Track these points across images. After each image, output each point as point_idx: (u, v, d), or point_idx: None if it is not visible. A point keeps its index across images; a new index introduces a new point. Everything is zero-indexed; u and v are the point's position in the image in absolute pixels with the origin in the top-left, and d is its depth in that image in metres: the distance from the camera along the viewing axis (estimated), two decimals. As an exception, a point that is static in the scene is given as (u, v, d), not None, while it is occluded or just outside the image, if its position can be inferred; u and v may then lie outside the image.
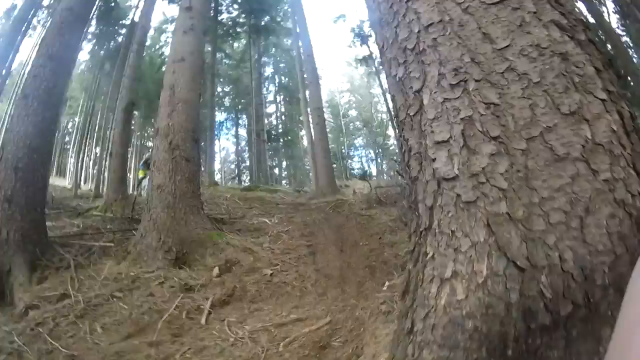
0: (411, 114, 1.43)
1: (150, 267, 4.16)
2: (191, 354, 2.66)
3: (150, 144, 22.02)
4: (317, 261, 4.57)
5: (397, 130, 1.62)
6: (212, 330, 2.97)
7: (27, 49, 18.61)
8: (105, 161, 16.54)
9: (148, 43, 18.33)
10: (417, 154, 1.40)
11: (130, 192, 11.03)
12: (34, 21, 15.96)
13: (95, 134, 24.42)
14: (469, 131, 1.20)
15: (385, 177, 28.10)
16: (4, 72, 11.34)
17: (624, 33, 17.11)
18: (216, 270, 4.12)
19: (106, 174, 14.11)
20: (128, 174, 12.98)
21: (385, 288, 3.24)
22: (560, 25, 1.23)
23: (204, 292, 3.61)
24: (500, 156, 1.13)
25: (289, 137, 29.02)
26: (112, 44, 19.57)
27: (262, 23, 22.06)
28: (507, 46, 1.22)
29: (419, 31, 1.42)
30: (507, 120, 1.15)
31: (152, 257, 4.37)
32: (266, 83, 26.95)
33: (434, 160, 1.28)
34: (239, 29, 22.54)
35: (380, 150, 38.32)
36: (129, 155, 17.75)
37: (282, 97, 28.59)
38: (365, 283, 3.67)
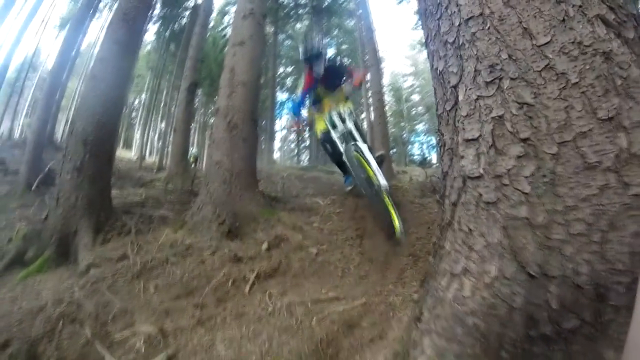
0: (447, 108, 1.42)
1: (204, 237, 4.35)
2: (231, 318, 2.80)
3: (211, 121, 22.76)
4: (363, 244, 4.57)
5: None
6: (254, 299, 3.09)
7: (95, 31, 19.71)
8: (169, 136, 17.30)
9: (211, 25, 18.77)
10: (449, 150, 1.39)
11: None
12: (100, 5, 16.83)
13: (161, 110, 25.52)
14: (498, 131, 1.18)
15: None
16: (74, 52, 12.07)
17: None
18: (265, 245, 4.23)
19: (169, 149, 14.76)
20: (190, 149, 13.53)
21: (423, 278, 3.23)
22: (606, 21, 1.14)
23: (251, 264, 3.72)
24: (527, 159, 1.10)
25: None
26: (176, 25, 20.22)
27: (325, 4, 21.87)
28: (548, 42, 1.15)
29: (459, 24, 1.39)
30: (540, 122, 1.11)
31: (206, 228, 4.56)
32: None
33: (462, 157, 1.28)
34: (301, 11, 22.47)
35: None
36: (191, 132, 18.45)
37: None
38: (406, 270, 3.65)
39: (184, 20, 19.46)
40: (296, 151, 31.38)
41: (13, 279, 3.49)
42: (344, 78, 5.82)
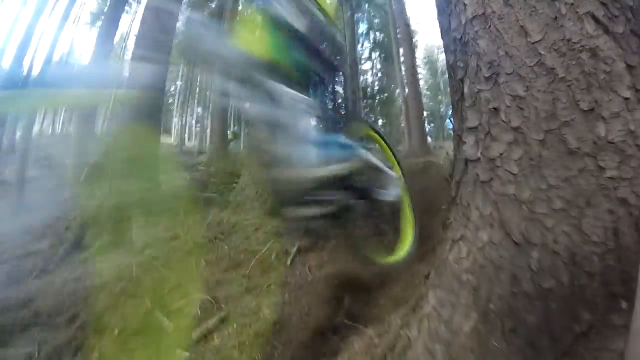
0: (456, 99, 1.60)
1: (248, 216, 4.64)
2: (275, 286, 3.10)
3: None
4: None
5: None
6: (295, 270, 3.36)
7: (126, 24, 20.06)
8: (207, 120, 17.68)
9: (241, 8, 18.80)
10: (457, 135, 1.57)
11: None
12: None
13: (197, 95, 25.97)
14: (493, 120, 1.35)
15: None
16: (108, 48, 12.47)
17: None
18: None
19: (208, 132, 15.16)
20: (228, 130, 13.82)
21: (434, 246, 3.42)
22: (595, 18, 1.24)
23: (292, 240, 4.00)
24: (516, 145, 1.28)
25: (385, 95, 28.51)
26: (206, 12, 20.38)
27: (355, -21, 21.54)
28: (540, 40, 1.28)
29: (465, 22, 1.52)
30: (530, 112, 1.26)
31: (249, 207, 4.86)
32: (361, 40, 26.40)
33: (464, 143, 1.46)
34: (330, -14, 22.08)
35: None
36: (229, 114, 18.80)
37: (377, 54, 27.96)
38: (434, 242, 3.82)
39: (214, 4, 19.65)
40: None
41: (75, 262, 3.87)
42: None
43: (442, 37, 1.85)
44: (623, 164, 1.13)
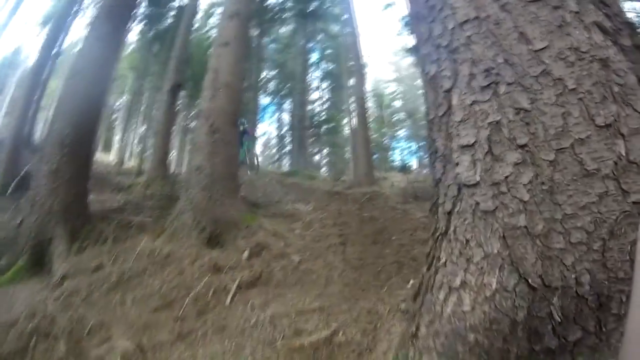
0: (439, 114, 1.38)
1: (184, 245, 4.27)
2: (212, 331, 2.75)
3: (193, 124, 22.54)
4: (346, 251, 4.55)
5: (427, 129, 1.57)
6: (235, 311, 3.03)
7: (79, 29, 19.30)
8: (149, 139, 17.04)
9: (196, 26, 18.64)
10: (442, 156, 1.35)
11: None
12: (85, 1, 16.45)
13: (142, 113, 25.16)
14: (495, 137, 1.15)
15: (425, 171, 27.67)
16: (55, 50, 11.78)
17: None
18: (246, 253, 4.17)
19: (149, 152, 14.52)
20: (170, 153, 13.42)
21: (409, 286, 3.21)
22: (603, 28, 1.13)
23: (232, 274, 3.66)
24: (525, 166, 1.08)
25: (332, 125, 28.87)
26: (161, 26, 19.99)
27: (310, 8, 21.96)
28: (544, 48, 1.14)
29: (453, 28, 1.36)
30: (537, 128, 1.09)
31: (186, 236, 4.48)
32: (311, 69, 26.77)
33: (457, 164, 1.24)
34: (286, 14, 22.52)
35: (422, 143, 37.60)
36: (172, 135, 18.26)
37: (326, 83, 28.39)
38: (391, 278, 3.63)
39: (169, 21, 19.26)
40: (278, 156, 31.19)
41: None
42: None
43: (417, 50, 1.68)
44: None
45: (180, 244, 4.30)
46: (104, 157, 20.73)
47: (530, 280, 1.00)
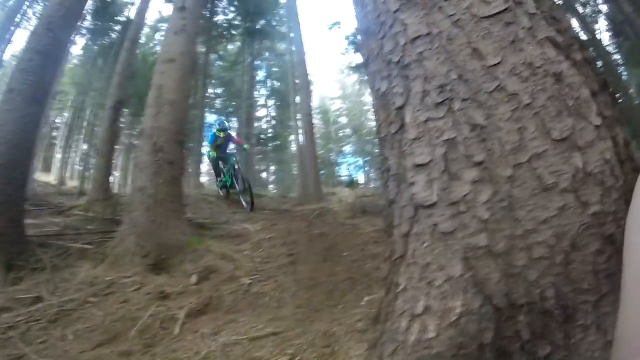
0: (392, 131, 1.34)
1: (127, 272, 4.06)
2: (162, 366, 2.59)
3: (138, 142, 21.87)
4: (297, 271, 4.49)
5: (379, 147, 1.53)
6: (185, 341, 2.88)
7: (21, 40, 18.37)
8: (92, 158, 16.31)
9: (142, 41, 18.21)
10: (395, 175, 1.31)
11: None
12: (30, 12, 15.71)
13: (84, 130, 24.15)
14: (451, 154, 1.12)
15: (372, 186, 28.14)
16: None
17: (616, 50, 17.66)
18: (194, 278, 4.01)
19: (92, 171, 13.86)
20: (114, 173, 12.84)
21: (363, 303, 3.18)
22: (555, 44, 1.15)
23: (179, 301, 3.51)
24: (483, 183, 1.05)
25: (279, 142, 28.90)
26: (106, 40, 19.37)
27: (257, 26, 22.05)
28: (498, 63, 1.13)
29: (405, 44, 1.33)
30: (493, 144, 1.07)
31: (129, 262, 4.27)
32: (258, 86, 26.77)
33: (412, 184, 1.20)
34: (234, 31, 22.53)
35: (368, 158, 38.35)
36: (116, 154, 17.54)
37: (273, 101, 28.43)
38: (345, 296, 3.60)
39: (114, 35, 18.65)
40: (224, 174, 30.69)
41: None
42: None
43: (366, 66, 1.65)
44: (605, 197, 1.00)
45: (124, 271, 4.10)
46: (44, 177, 19.62)
47: (495, 301, 0.97)
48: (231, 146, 10.60)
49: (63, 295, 3.48)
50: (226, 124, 10.74)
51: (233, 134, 12.33)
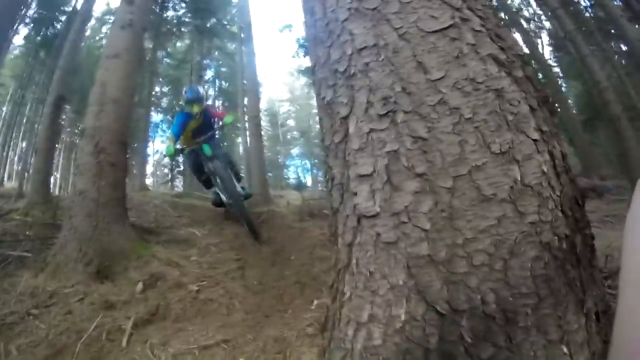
0: (336, 141, 1.36)
1: (70, 281, 3.85)
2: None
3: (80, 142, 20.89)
4: (245, 276, 4.44)
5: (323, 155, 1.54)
6: (134, 353, 2.77)
7: None
8: (31, 158, 15.40)
9: (88, 33, 17.39)
10: (339, 185, 1.33)
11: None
12: None
13: (23, 127, 22.80)
14: (393, 166, 1.15)
15: (320, 188, 28.33)
16: None
17: (556, 64, 18.87)
18: (140, 286, 3.87)
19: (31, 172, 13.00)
20: (54, 174, 12.11)
21: (313, 307, 3.19)
22: (498, 60, 1.21)
23: (126, 310, 3.37)
24: (424, 194, 1.09)
25: (225, 144, 28.51)
26: (50, 30, 18.19)
27: (208, 24, 21.67)
28: (441, 78, 1.17)
29: (351, 54, 1.35)
30: (435, 156, 1.11)
31: (71, 270, 4.04)
32: (206, 86, 26.27)
33: (355, 194, 1.22)
34: (183, 29, 22.04)
35: (316, 161, 38.62)
36: (56, 153, 16.62)
37: (221, 102, 27.99)
38: (294, 300, 3.59)
39: (59, 25, 17.53)
40: (170, 176, 29.82)
41: None
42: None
43: (313, 74, 1.66)
44: (542, 207, 1.06)
45: (66, 280, 3.89)
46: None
47: (438, 307, 1.01)
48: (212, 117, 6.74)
49: (3, 307, 3.25)
50: (200, 90, 7.39)
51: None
